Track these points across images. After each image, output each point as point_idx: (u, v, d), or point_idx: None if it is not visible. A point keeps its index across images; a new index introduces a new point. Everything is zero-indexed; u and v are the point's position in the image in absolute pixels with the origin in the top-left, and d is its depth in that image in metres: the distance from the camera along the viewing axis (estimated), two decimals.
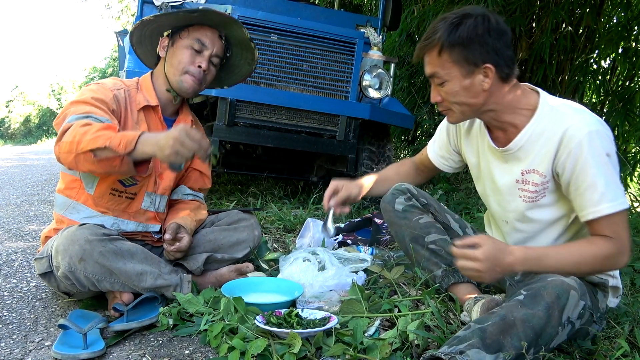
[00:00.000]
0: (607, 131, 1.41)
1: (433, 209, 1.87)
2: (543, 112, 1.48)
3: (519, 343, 1.22)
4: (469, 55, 1.43)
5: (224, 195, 4.04)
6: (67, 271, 1.55)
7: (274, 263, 2.22)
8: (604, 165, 1.38)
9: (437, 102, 1.55)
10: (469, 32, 1.41)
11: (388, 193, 1.89)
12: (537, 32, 5.04)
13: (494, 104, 1.51)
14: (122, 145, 1.46)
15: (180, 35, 1.85)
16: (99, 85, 1.78)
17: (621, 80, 5.07)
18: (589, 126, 1.39)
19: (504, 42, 1.44)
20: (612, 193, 1.38)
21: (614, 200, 1.38)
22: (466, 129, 1.75)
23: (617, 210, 1.38)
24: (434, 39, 1.45)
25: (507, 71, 1.46)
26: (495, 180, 1.65)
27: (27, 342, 1.47)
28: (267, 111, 3.38)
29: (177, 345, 1.48)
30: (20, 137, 30.43)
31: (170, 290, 1.69)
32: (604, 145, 1.38)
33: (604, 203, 1.38)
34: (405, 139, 7.29)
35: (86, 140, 1.47)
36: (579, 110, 1.45)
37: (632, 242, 2.69)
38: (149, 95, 1.87)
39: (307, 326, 1.45)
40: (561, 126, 1.42)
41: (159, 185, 1.90)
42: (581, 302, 1.34)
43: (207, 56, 1.85)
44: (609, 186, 1.38)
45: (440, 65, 1.47)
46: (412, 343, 1.42)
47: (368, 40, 3.88)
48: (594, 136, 1.38)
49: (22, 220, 3.25)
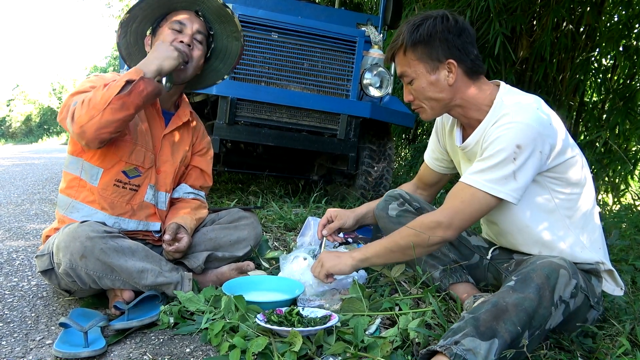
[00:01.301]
0: (540, 129, 1.42)
1: (426, 212, 1.87)
2: (496, 106, 1.53)
3: (513, 327, 1.23)
4: (432, 51, 1.53)
5: (224, 193, 4.04)
6: (68, 268, 1.55)
7: (275, 261, 2.22)
8: (506, 151, 1.42)
9: (409, 100, 1.65)
10: (429, 30, 1.52)
11: (381, 200, 1.92)
12: (538, 31, 5.03)
13: (460, 99, 1.58)
14: (132, 74, 1.59)
15: (159, 26, 1.87)
16: (98, 76, 1.78)
17: (622, 78, 5.07)
18: (515, 117, 1.44)
19: (465, 39, 1.53)
20: (490, 176, 1.44)
21: (486, 182, 1.44)
22: (449, 130, 1.80)
23: (476, 186, 1.46)
24: (399, 41, 1.57)
25: (471, 66, 1.54)
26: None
27: (28, 341, 1.47)
28: (267, 110, 3.38)
29: (178, 343, 1.49)
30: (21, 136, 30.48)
31: (171, 288, 1.69)
32: (518, 136, 1.41)
33: (474, 176, 1.47)
34: (406, 137, 7.29)
35: (102, 95, 1.56)
36: (524, 105, 1.48)
37: (633, 240, 2.70)
38: None
39: (308, 324, 1.45)
40: (497, 116, 1.49)
41: (158, 180, 1.91)
42: (573, 281, 1.36)
43: (189, 33, 1.84)
44: (495, 169, 1.43)
45: (406, 64, 1.58)
46: (412, 341, 1.42)
47: (369, 38, 3.88)
48: (514, 126, 1.42)
49: (23, 219, 3.26)
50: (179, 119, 1.97)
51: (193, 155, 2.07)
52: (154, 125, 1.89)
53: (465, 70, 1.55)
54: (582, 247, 1.56)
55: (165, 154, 1.92)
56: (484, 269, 1.82)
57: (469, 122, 1.62)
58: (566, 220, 1.56)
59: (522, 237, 1.62)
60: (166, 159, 1.93)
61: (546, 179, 1.52)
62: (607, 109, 4.95)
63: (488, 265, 1.81)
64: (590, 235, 1.58)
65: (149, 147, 1.86)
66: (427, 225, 1.52)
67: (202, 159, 2.09)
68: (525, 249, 1.64)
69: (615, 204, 4.83)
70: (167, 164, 1.93)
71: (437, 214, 1.52)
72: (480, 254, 1.83)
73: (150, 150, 1.86)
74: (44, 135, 27.90)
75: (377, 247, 1.62)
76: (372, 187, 3.81)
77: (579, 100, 5.36)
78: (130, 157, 1.79)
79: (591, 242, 1.58)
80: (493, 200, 1.47)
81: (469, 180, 1.48)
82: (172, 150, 1.95)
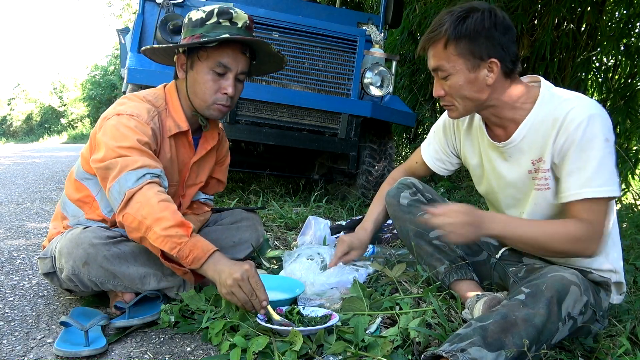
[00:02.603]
0: (608, 118, 1.40)
1: (438, 204, 1.86)
2: (544, 100, 1.48)
3: (521, 341, 1.22)
4: (475, 48, 1.43)
5: (225, 192, 4.04)
6: (71, 274, 1.55)
7: (276, 261, 2.22)
8: (600, 149, 1.37)
9: (440, 96, 1.55)
10: (476, 25, 1.41)
11: (393, 187, 1.88)
12: (539, 30, 5.02)
13: (495, 100, 1.51)
14: (189, 260, 1.45)
15: (198, 57, 1.68)
16: (136, 119, 1.62)
17: (623, 78, 5.06)
18: (589, 109, 1.39)
19: (509, 38, 1.45)
20: (601, 179, 1.37)
21: (601, 186, 1.37)
22: (465, 129, 1.74)
23: (599, 196, 1.38)
24: (440, 32, 1.45)
25: (511, 67, 1.47)
26: (502, 177, 1.63)
27: (29, 339, 1.47)
28: (268, 109, 3.38)
29: (179, 342, 1.49)
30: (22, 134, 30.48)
31: (173, 290, 1.69)
32: (603, 130, 1.37)
33: (587, 187, 1.38)
34: (406, 136, 7.28)
35: (157, 234, 1.43)
36: (579, 95, 1.45)
37: (634, 240, 2.71)
38: (179, 120, 1.75)
39: (309, 324, 1.45)
40: (563, 110, 1.42)
41: (182, 205, 1.89)
42: (584, 298, 1.35)
43: (231, 78, 1.69)
44: (599, 171, 1.37)
45: (445, 58, 1.46)
46: (413, 341, 1.42)
47: (370, 38, 3.88)
48: (595, 119, 1.37)
49: (24, 218, 3.26)
50: (207, 143, 1.88)
51: (215, 166, 2.03)
52: (182, 153, 1.82)
53: (505, 71, 1.46)
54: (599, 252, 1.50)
55: (192, 179, 1.89)
56: (490, 267, 1.80)
57: (500, 122, 1.55)
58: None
59: None
60: (192, 183, 1.90)
61: None
62: (608, 108, 4.94)
63: (495, 265, 1.79)
64: (609, 239, 1.54)
65: (173, 182, 1.80)
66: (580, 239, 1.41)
67: (221, 169, 2.05)
68: (540, 253, 1.60)
69: (616, 203, 4.82)
70: (193, 187, 1.91)
71: (585, 232, 1.40)
72: (489, 252, 1.81)
73: (173, 184, 1.80)
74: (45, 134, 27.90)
75: (517, 231, 1.46)
76: (373, 187, 3.81)
77: None
78: None
79: (609, 247, 1.55)
80: (610, 200, 1.43)
81: (586, 193, 1.38)
82: (199, 173, 1.91)
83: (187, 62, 1.71)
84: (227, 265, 1.45)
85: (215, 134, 1.91)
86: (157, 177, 1.54)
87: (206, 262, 1.46)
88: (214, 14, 1.67)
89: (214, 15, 1.67)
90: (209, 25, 1.66)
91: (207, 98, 1.70)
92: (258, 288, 1.44)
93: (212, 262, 1.46)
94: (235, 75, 1.70)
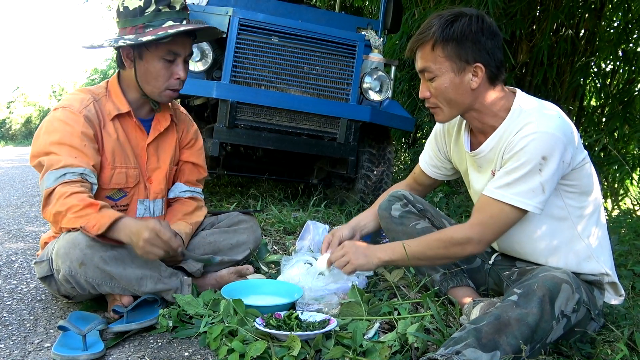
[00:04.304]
0: (564, 139, 1.41)
1: (429, 214, 1.87)
2: (514, 113, 1.51)
3: (515, 341, 1.24)
4: (462, 52, 1.46)
5: (224, 197, 4.04)
6: (68, 275, 1.55)
7: (274, 265, 2.22)
8: (531, 164, 1.40)
9: (425, 97, 1.58)
10: (464, 29, 1.45)
11: (384, 200, 1.90)
12: (538, 35, 5.04)
13: (479, 104, 1.54)
14: (95, 228, 1.53)
15: (147, 47, 1.71)
16: (68, 110, 1.69)
17: (621, 83, 5.08)
18: (539, 127, 1.41)
19: (495, 43, 1.49)
20: (518, 189, 1.42)
21: (515, 195, 1.42)
22: (455, 137, 1.77)
23: (504, 200, 1.44)
24: (429, 34, 1.48)
25: (495, 72, 1.50)
26: (472, 186, 1.69)
27: (27, 344, 1.47)
28: (267, 113, 3.38)
29: (177, 347, 1.48)
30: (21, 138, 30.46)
31: (170, 293, 1.69)
32: (544, 147, 1.39)
33: (502, 190, 1.44)
34: (405, 141, 7.29)
35: (68, 218, 1.56)
36: (544, 115, 1.46)
37: (632, 245, 2.71)
38: (119, 102, 1.79)
39: (307, 329, 1.44)
40: (520, 124, 1.46)
41: (149, 190, 1.89)
42: (576, 295, 1.36)
43: (181, 63, 1.76)
44: (520, 183, 1.42)
45: (432, 60, 1.50)
46: (411, 346, 1.42)
47: (369, 42, 3.89)
48: (539, 136, 1.40)
49: (22, 222, 3.25)
50: (159, 124, 1.90)
51: (182, 150, 2.01)
52: (134, 137, 1.84)
53: (489, 76, 1.50)
54: (589, 256, 1.54)
55: (152, 162, 1.89)
56: (485, 274, 1.82)
57: (483, 127, 1.58)
58: (576, 228, 1.55)
59: (532, 246, 1.60)
60: (155, 167, 1.90)
61: (560, 185, 1.51)
62: (606, 114, 4.96)
63: (490, 270, 1.80)
64: (598, 244, 1.57)
65: (131, 164, 1.82)
66: (457, 241, 1.51)
67: (191, 152, 2.03)
68: (532, 258, 1.62)
69: (615, 209, 4.83)
70: (157, 171, 1.90)
71: (467, 230, 1.51)
72: (482, 258, 1.82)
73: (132, 167, 1.82)
74: None
75: (403, 251, 1.59)
76: (372, 191, 3.81)
77: (578, 104, 5.37)
78: (110, 183, 1.77)
79: (598, 251, 1.56)
80: (521, 213, 1.46)
81: (496, 194, 1.46)
82: (159, 156, 1.91)
83: (134, 52, 1.74)
84: (135, 227, 1.53)
85: (168, 115, 1.93)
86: (78, 176, 1.62)
87: (114, 226, 1.53)
88: (152, 2, 1.69)
89: (152, 2, 1.69)
90: (149, 14, 1.70)
91: (160, 85, 1.76)
92: (169, 239, 1.52)
93: (119, 226, 1.54)
94: (184, 59, 1.77)
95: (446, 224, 1.87)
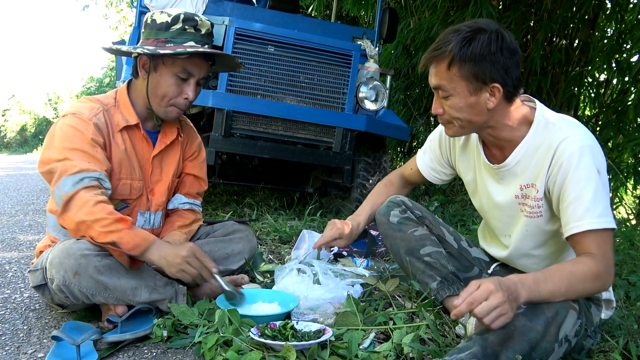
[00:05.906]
0: (599, 148, 1.41)
1: (428, 221, 1.86)
2: (539, 126, 1.47)
3: (513, 356, 1.22)
4: (479, 72, 1.39)
5: (219, 205, 4.04)
6: (62, 284, 1.54)
7: (269, 274, 2.21)
8: (593, 180, 1.36)
9: (438, 114, 1.53)
10: (482, 48, 1.38)
11: (383, 206, 1.89)
12: (532, 45, 5.08)
13: (494, 122, 1.49)
14: (130, 247, 1.55)
15: (163, 61, 1.72)
16: (77, 117, 1.68)
17: (615, 93, 5.12)
18: (581, 140, 1.39)
19: (514, 62, 1.41)
20: (599, 210, 1.35)
21: (600, 217, 1.34)
22: (462, 145, 1.75)
23: (602, 227, 1.35)
24: (445, 51, 1.41)
25: (513, 91, 1.44)
26: (492, 197, 1.64)
27: (20, 354, 1.46)
28: (263, 122, 3.39)
29: (171, 357, 1.48)
30: (16, 146, 30.34)
31: (165, 303, 1.68)
32: (595, 161, 1.37)
33: (588, 218, 1.35)
34: (401, 150, 7.31)
35: (97, 231, 1.53)
36: (574, 124, 1.45)
37: (627, 255, 2.71)
38: (127, 114, 1.79)
39: (302, 339, 1.44)
40: (556, 139, 1.42)
41: (151, 202, 1.89)
42: (579, 321, 1.36)
43: (193, 83, 1.76)
44: (596, 202, 1.35)
45: (447, 79, 1.43)
46: (407, 356, 1.41)
47: (364, 52, 3.91)
48: (586, 150, 1.37)
49: (16, 230, 3.24)
50: (166, 137, 1.89)
51: (184, 162, 2.01)
52: (140, 149, 1.84)
53: (506, 95, 1.43)
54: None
55: (156, 175, 1.89)
56: None
57: (498, 142, 1.54)
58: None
59: (540, 265, 1.59)
60: (158, 179, 1.90)
61: None
62: (600, 123, 4.98)
63: None
64: None
65: (136, 176, 1.81)
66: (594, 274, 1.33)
67: (193, 164, 2.03)
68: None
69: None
70: (160, 183, 1.90)
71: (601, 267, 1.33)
72: (480, 267, 1.82)
73: (137, 179, 1.82)
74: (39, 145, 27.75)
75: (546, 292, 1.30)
76: None
77: (572, 114, 5.41)
78: (115, 194, 1.75)
79: None
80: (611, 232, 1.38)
81: (589, 225, 1.35)
82: (163, 168, 1.91)
83: (150, 63, 1.75)
84: (170, 248, 1.59)
85: (174, 128, 1.93)
86: (95, 181, 1.60)
87: (148, 249, 1.57)
88: (179, 20, 1.71)
89: (179, 21, 1.71)
90: (174, 31, 1.70)
91: (167, 100, 1.76)
92: (205, 260, 1.61)
93: (154, 248, 1.58)
94: (197, 81, 1.78)
95: (445, 231, 1.87)
